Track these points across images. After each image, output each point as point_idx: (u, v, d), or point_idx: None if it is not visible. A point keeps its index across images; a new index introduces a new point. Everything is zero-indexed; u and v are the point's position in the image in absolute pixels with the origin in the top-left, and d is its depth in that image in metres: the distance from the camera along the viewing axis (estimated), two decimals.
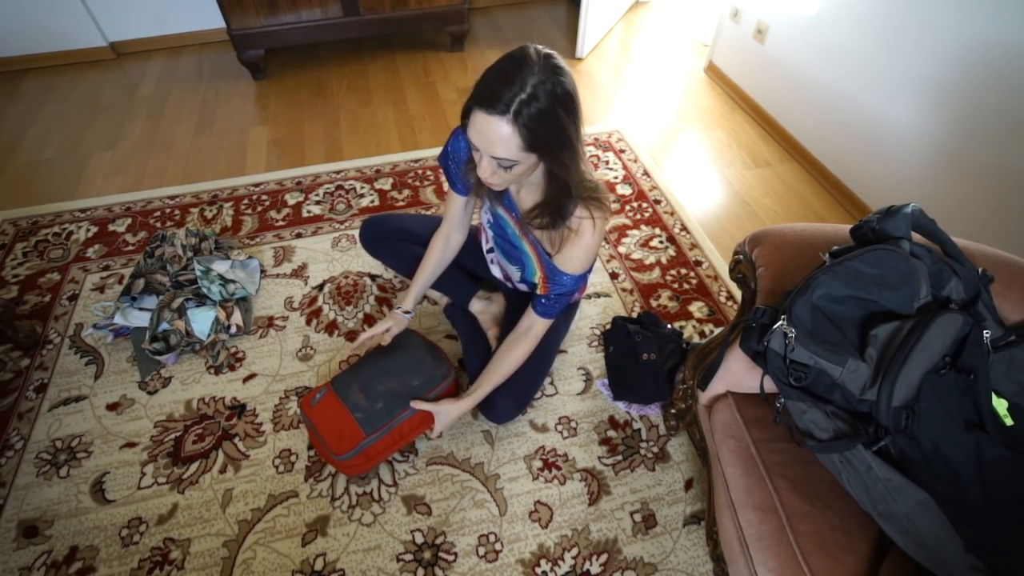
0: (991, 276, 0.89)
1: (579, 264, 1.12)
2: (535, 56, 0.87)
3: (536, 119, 0.86)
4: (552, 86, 0.86)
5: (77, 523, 1.23)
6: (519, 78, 0.85)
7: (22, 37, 2.66)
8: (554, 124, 0.88)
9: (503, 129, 0.87)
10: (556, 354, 1.49)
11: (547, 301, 1.19)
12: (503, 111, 0.85)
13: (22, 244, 1.86)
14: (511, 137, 0.87)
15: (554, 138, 0.90)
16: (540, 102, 0.86)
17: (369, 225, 1.53)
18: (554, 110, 0.87)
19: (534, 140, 0.88)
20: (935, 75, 1.61)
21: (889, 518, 0.80)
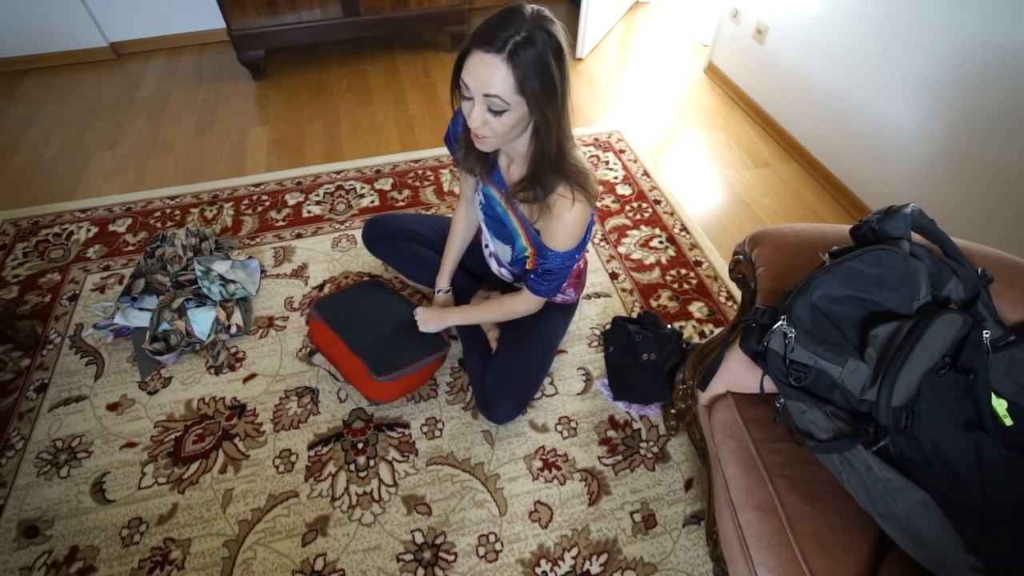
0: (991, 276, 0.89)
1: (561, 241, 1.12)
2: (529, 10, 0.92)
3: (529, 60, 0.89)
4: (546, 35, 0.90)
5: (77, 523, 1.24)
6: (514, 23, 0.89)
7: (22, 37, 2.67)
8: (545, 71, 0.90)
9: (498, 67, 0.89)
10: (555, 354, 1.49)
11: (535, 276, 1.22)
12: (499, 48, 0.88)
13: (23, 244, 1.86)
14: (505, 76, 0.89)
15: (544, 86, 0.91)
16: (535, 46, 0.88)
17: (372, 225, 1.54)
18: (546, 56, 0.90)
19: (526, 82, 0.90)
20: (935, 75, 1.62)
21: (889, 518, 0.80)
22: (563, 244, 1.13)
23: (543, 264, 1.18)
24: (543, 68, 0.90)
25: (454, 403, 1.44)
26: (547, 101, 0.93)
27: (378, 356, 1.33)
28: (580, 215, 1.09)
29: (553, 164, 1.03)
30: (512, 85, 0.90)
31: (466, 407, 1.43)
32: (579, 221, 1.10)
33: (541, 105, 0.93)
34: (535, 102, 0.93)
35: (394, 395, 1.37)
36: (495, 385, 1.31)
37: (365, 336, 1.38)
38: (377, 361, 1.32)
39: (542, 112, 0.95)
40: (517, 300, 1.29)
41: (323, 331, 1.40)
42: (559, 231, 1.11)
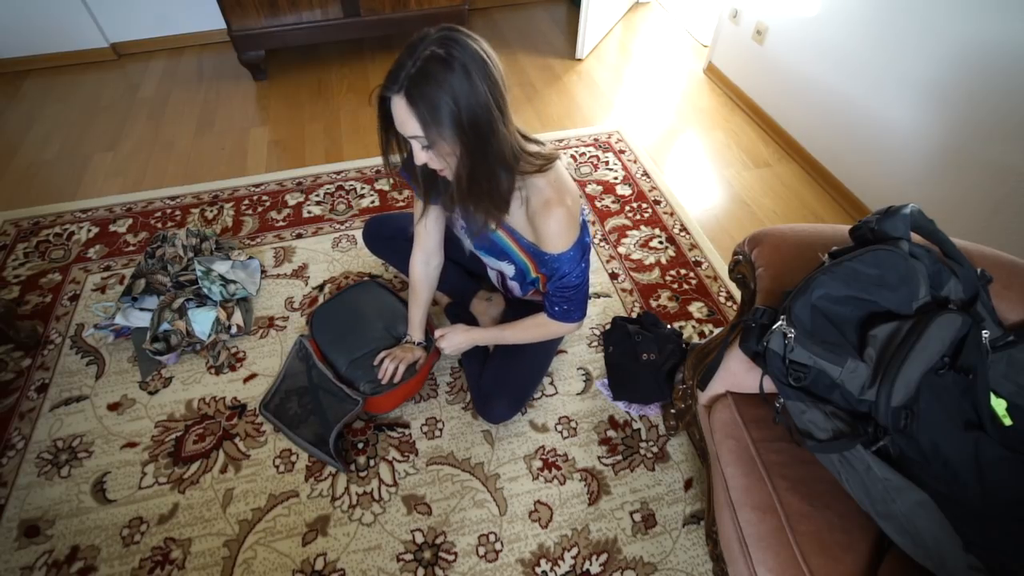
0: (990, 276, 0.89)
1: (560, 237, 1.03)
2: (432, 32, 0.86)
3: (427, 93, 0.83)
4: (445, 55, 0.83)
5: (78, 523, 1.24)
6: (410, 56, 0.84)
7: (23, 38, 2.67)
8: (446, 98, 0.83)
9: (402, 107, 0.85)
10: (553, 356, 1.49)
11: (555, 300, 1.14)
12: (397, 89, 0.84)
13: (23, 244, 1.87)
14: (409, 115, 0.85)
15: (449, 112, 0.84)
16: (429, 77, 0.82)
17: (373, 224, 1.54)
18: (446, 81, 0.83)
19: (431, 113, 0.84)
20: (935, 76, 1.62)
21: (888, 518, 0.80)
22: (562, 241, 1.04)
23: (555, 279, 1.10)
24: (444, 95, 0.83)
25: (454, 403, 1.44)
26: (456, 131, 0.86)
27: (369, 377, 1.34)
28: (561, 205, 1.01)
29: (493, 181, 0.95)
30: (416, 123, 0.86)
31: (466, 407, 1.44)
32: (565, 213, 1.01)
33: (455, 130, 0.87)
34: (447, 130, 0.86)
35: (392, 405, 1.39)
36: (492, 385, 1.31)
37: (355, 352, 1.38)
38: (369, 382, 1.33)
39: (463, 137, 0.88)
40: (547, 324, 1.21)
41: (317, 351, 1.42)
42: (554, 227, 1.03)
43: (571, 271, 1.09)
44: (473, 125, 0.87)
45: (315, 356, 1.38)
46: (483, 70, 0.86)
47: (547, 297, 1.17)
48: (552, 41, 2.99)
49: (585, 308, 1.19)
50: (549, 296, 1.16)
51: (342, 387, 1.32)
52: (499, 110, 0.90)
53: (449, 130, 0.86)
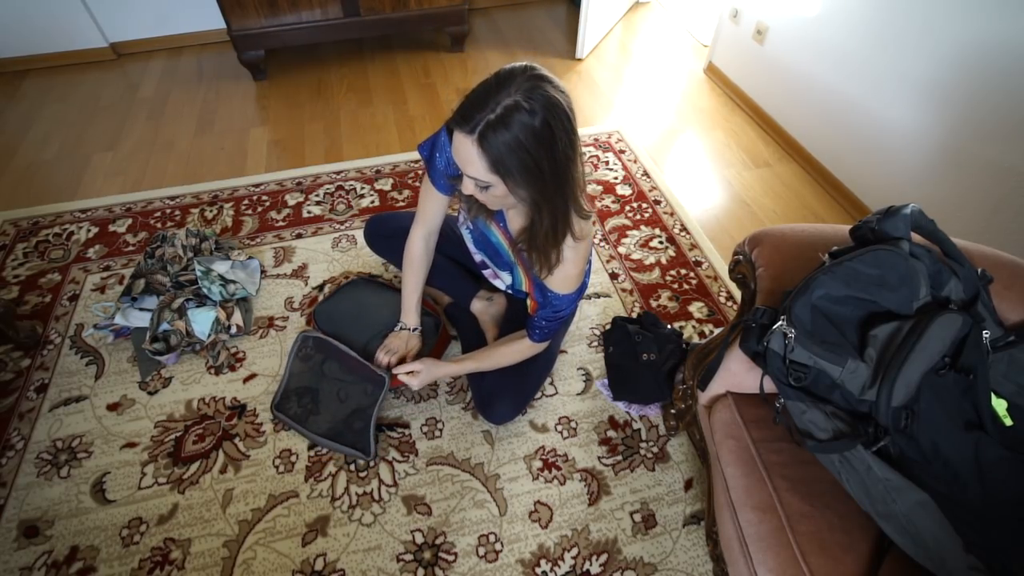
0: (990, 276, 0.89)
1: (566, 284, 1.10)
2: (521, 75, 0.83)
3: (502, 142, 0.82)
4: (528, 114, 0.81)
5: (78, 523, 1.24)
6: (494, 97, 0.82)
7: (22, 38, 2.66)
8: (522, 152, 0.83)
9: (470, 148, 0.84)
10: (556, 357, 1.49)
11: (541, 325, 1.19)
12: (470, 130, 0.83)
13: (23, 244, 1.86)
14: (478, 158, 0.84)
15: (523, 167, 0.84)
16: (509, 127, 0.81)
17: (374, 223, 1.54)
18: (524, 136, 0.82)
19: (499, 165, 0.84)
20: (935, 76, 1.62)
21: (889, 518, 0.80)
22: (567, 287, 1.11)
23: (547, 312, 1.15)
24: (518, 149, 0.82)
25: (454, 403, 1.44)
26: (529, 181, 0.87)
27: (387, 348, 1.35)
28: (578, 259, 1.07)
29: (550, 239, 0.99)
30: (485, 167, 0.85)
31: (466, 407, 1.43)
32: (578, 266, 1.08)
33: (521, 185, 0.87)
34: (514, 182, 0.87)
35: None
36: (494, 386, 1.31)
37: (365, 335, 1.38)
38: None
39: (526, 191, 0.89)
40: (514, 348, 1.26)
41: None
42: (565, 277, 1.09)
43: (566, 308, 1.15)
44: (553, 175, 0.87)
45: (331, 340, 1.36)
46: (565, 123, 0.85)
47: (532, 321, 1.21)
48: (552, 41, 2.99)
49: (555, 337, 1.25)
50: (535, 321, 1.20)
51: (367, 363, 1.30)
52: (574, 159, 0.90)
53: (518, 179, 0.86)
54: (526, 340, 1.25)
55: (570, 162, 0.89)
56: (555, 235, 0.99)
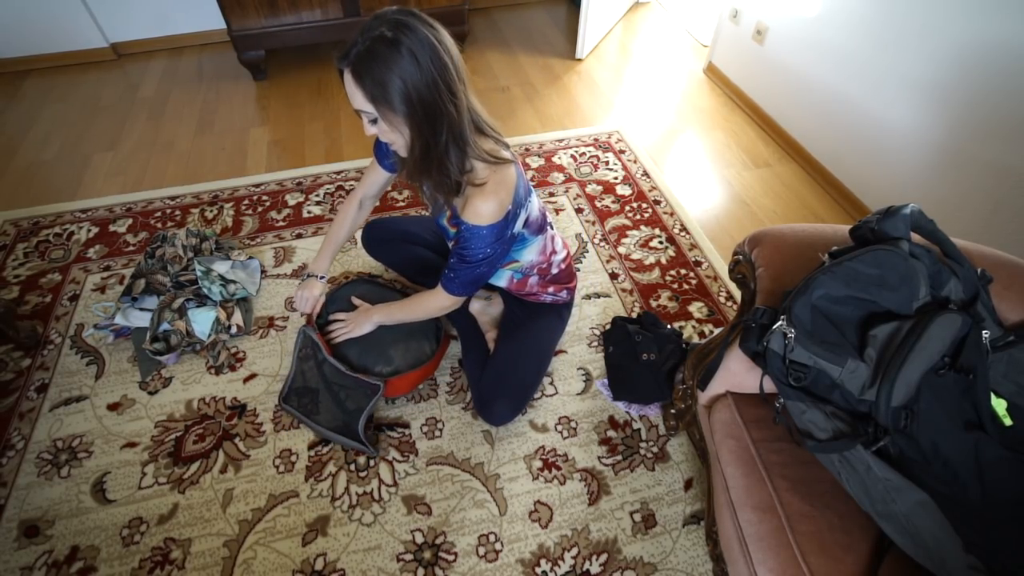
0: (990, 277, 0.89)
1: (479, 215, 1.05)
2: (388, 13, 0.91)
3: (370, 67, 0.88)
4: (392, 37, 0.87)
5: (78, 523, 1.24)
6: (362, 33, 0.89)
7: (23, 38, 2.67)
8: (391, 80, 0.89)
9: (349, 80, 0.91)
10: (552, 356, 1.49)
11: (449, 267, 1.16)
12: (347, 63, 0.90)
13: (23, 244, 1.87)
14: (355, 89, 0.91)
15: (394, 94, 0.90)
16: (375, 51, 0.87)
17: (371, 229, 1.56)
18: (393, 62, 0.88)
19: (374, 93, 0.90)
20: (935, 76, 1.62)
21: (888, 518, 0.80)
22: (480, 214, 1.05)
23: (459, 248, 1.12)
24: (388, 77, 0.88)
25: (454, 403, 1.44)
26: (403, 110, 0.92)
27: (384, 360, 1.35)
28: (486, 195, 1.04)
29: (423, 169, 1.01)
30: (362, 96, 0.91)
31: (466, 407, 1.44)
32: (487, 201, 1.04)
33: (398, 114, 0.92)
34: (390, 111, 0.92)
35: (409, 387, 1.42)
36: (491, 387, 1.31)
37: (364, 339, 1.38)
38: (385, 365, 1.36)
39: (403, 120, 0.93)
40: (429, 296, 1.25)
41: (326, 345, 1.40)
42: (473, 201, 1.05)
43: (475, 247, 1.10)
44: (421, 104, 0.92)
45: (325, 351, 1.37)
46: (432, 54, 0.90)
47: (446, 266, 1.19)
48: (552, 41, 2.99)
49: (466, 290, 1.20)
50: (448, 264, 1.18)
51: (358, 376, 1.31)
52: (449, 93, 0.94)
53: (395, 107, 0.91)
54: (440, 290, 1.21)
55: (441, 94, 0.93)
56: (427, 166, 1.00)
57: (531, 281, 1.35)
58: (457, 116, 0.96)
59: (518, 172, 1.12)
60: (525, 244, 1.26)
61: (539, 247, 1.28)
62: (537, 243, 1.27)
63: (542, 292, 1.39)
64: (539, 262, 1.31)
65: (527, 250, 1.27)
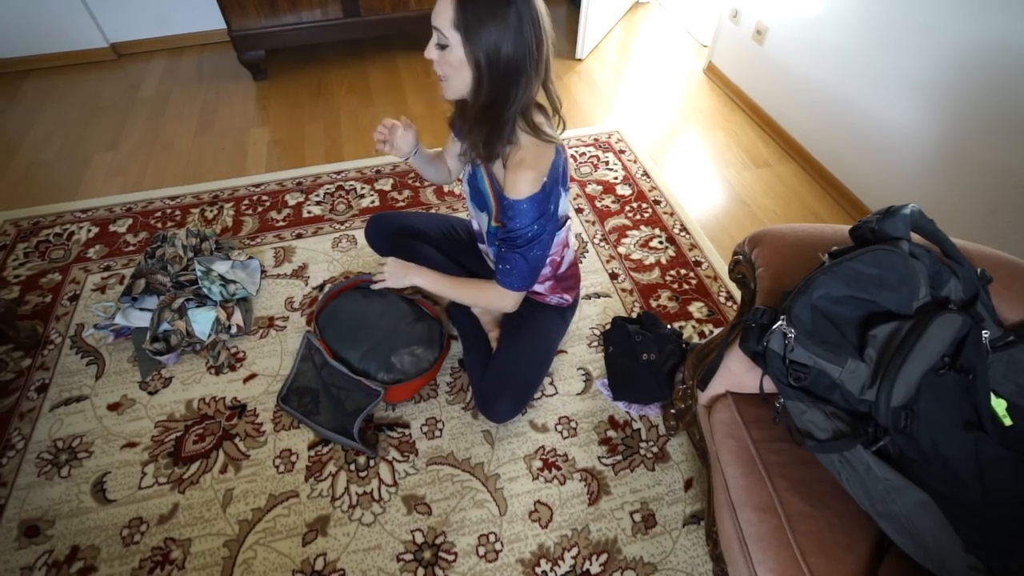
0: (990, 276, 0.89)
1: (520, 187, 1.06)
2: None
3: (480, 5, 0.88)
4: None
5: (78, 523, 1.24)
6: None
7: (23, 38, 2.67)
8: (491, 16, 0.89)
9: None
10: (554, 355, 1.49)
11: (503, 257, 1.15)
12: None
13: (23, 244, 1.87)
14: (447, 7, 0.91)
15: (485, 31, 0.90)
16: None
17: (376, 222, 1.54)
18: (498, 9, 0.88)
19: (469, 22, 0.89)
20: (934, 76, 1.62)
21: (888, 518, 0.80)
22: (520, 189, 1.05)
23: (506, 231, 1.11)
24: (490, 19, 0.89)
25: (454, 403, 1.44)
26: (485, 52, 0.91)
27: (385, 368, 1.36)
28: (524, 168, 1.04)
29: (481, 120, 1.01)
30: (451, 19, 0.90)
31: (466, 407, 1.44)
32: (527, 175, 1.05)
33: (476, 54, 0.92)
34: (470, 48, 0.91)
35: (410, 394, 1.41)
36: (494, 385, 1.31)
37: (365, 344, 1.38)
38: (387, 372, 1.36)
39: (478, 62, 0.93)
40: (491, 290, 1.22)
41: (328, 349, 1.41)
42: (519, 178, 1.05)
43: (522, 225, 1.09)
44: (504, 64, 0.92)
45: (327, 355, 1.37)
46: (535, 26, 0.92)
47: (498, 257, 1.18)
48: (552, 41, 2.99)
49: (526, 282, 1.18)
50: (499, 255, 1.17)
51: (360, 380, 1.32)
52: (534, 66, 0.95)
53: (476, 51, 0.91)
54: (495, 285, 1.21)
55: (527, 64, 0.94)
56: (483, 119, 1.01)
57: (544, 272, 1.34)
58: (529, 90, 0.98)
59: (560, 154, 1.12)
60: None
61: (558, 239, 1.28)
62: (558, 235, 1.27)
63: (550, 293, 1.40)
64: (554, 253, 1.30)
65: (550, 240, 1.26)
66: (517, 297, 1.22)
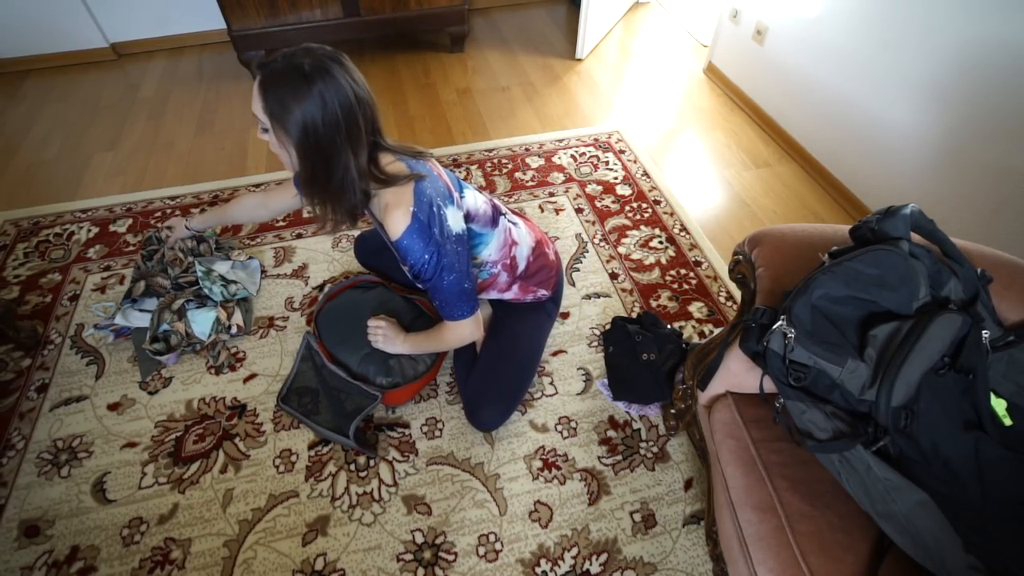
0: (990, 276, 0.89)
1: (394, 227, 1.06)
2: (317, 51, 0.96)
3: (276, 89, 0.93)
4: (308, 74, 0.92)
5: (78, 523, 1.24)
6: (289, 56, 0.94)
7: (23, 38, 2.67)
8: (294, 103, 0.93)
9: (256, 87, 0.96)
10: (541, 354, 1.47)
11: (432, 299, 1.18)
12: (260, 72, 0.96)
13: (23, 244, 1.87)
14: (258, 96, 0.96)
15: (290, 112, 0.94)
16: (288, 77, 0.92)
17: (362, 241, 1.62)
18: (297, 90, 0.92)
19: (274, 109, 0.94)
20: (935, 76, 1.62)
21: (888, 518, 0.80)
22: (395, 228, 1.06)
23: (412, 271, 1.12)
24: (292, 103, 0.93)
25: (454, 403, 1.44)
26: (297, 128, 0.95)
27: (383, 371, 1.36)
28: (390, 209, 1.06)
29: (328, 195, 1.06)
30: (262, 106, 0.96)
31: None
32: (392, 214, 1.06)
33: (291, 131, 0.96)
34: (283, 127, 0.96)
35: (408, 397, 1.41)
36: (478, 392, 1.31)
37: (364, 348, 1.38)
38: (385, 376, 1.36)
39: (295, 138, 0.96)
40: (445, 329, 1.25)
41: (326, 352, 1.41)
42: (386, 219, 1.08)
43: (417, 259, 1.09)
44: (317, 140, 0.97)
45: (324, 358, 1.38)
46: (341, 102, 0.96)
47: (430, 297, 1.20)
48: (552, 41, 2.99)
49: (464, 307, 1.19)
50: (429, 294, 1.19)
51: (359, 384, 1.32)
52: (349, 139, 0.99)
53: (289, 131, 0.96)
54: (445, 323, 1.24)
55: (339, 137, 0.97)
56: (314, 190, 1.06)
57: (501, 280, 1.31)
58: (354, 159, 1.01)
59: (431, 175, 1.11)
60: (482, 240, 1.23)
61: (497, 242, 1.26)
62: (494, 238, 1.25)
63: (522, 295, 1.38)
64: (500, 257, 1.28)
65: (486, 247, 1.24)
66: (471, 323, 1.22)
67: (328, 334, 1.43)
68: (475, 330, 1.24)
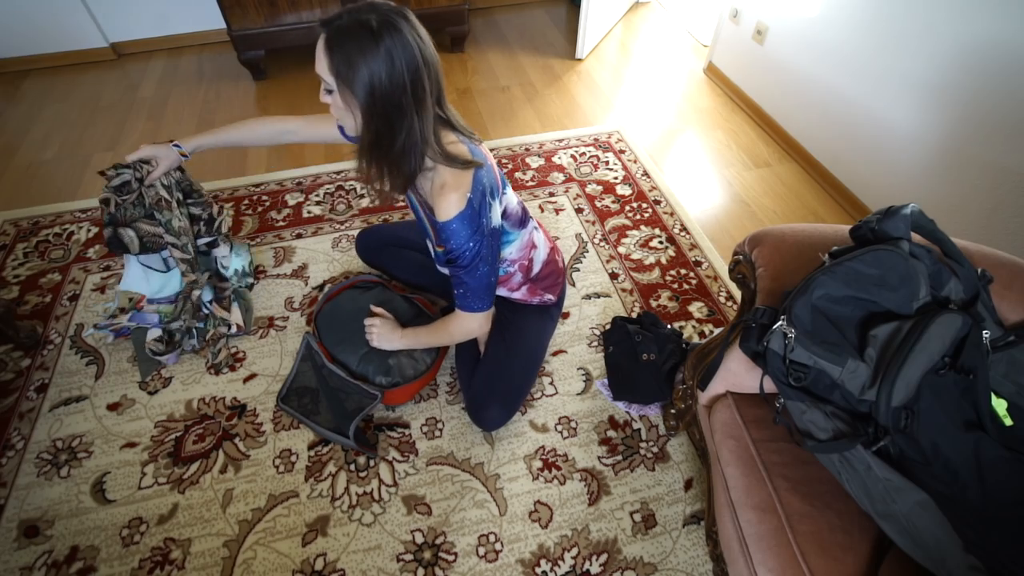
0: (990, 276, 0.89)
1: (447, 209, 1.05)
2: (383, 6, 0.92)
3: (345, 45, 0.89)
4: (376, 30, 0.88)
5: (78, 523, 1.24)
6: (356, 13, 0.90)
7: (23, 38, 2.67)
8: (363, 60, 0.89)
9: (320, 46, 0.92)
10: (543, 355, 1.48)
11: (454, 283, 1.16)
12: (325, 29, 0.91)
13: (23, 244, 1.87)
14: (324, 55, 0.92)
15: (357, 81, 0.90)
16: (355, 34, 0.88)
17: (364, 238, 1.60)
18: (365, 47, 0.88)
19: (340, 67, 0.90)
20: (935, 76, 1.62)
21: (888, 518, 0.80)
22: (447, 210, 1.05)
23: (448, 254, 1.11)
24: (359, 61, 0.89)
25: (454, 403, 1.44)
26: (363, 88, 0.91)
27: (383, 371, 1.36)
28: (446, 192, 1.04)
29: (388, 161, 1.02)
30: (327, 65, 0.92)
31: (465, 407, 1.43)
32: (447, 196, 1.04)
33: (355, 99, 0.93)
34: (349, 93, 0.93)
35: (407, 397, 1.41)
36: (482, 392, 1.31)
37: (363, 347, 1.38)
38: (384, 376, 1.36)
39: (360, 99, 0.93)
40: (452, 321, 1.24)
41: (326, 352, 1.41)
42: (439, 199, 1.05)
43: (459, 244, 1.08)
44: (383, 101, 0.93)
45: (324, 357, 1.38)
46: (409, 60, 0.91)
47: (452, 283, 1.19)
48: (552, 41, 2.99)
49: (484, 301, 1.18)
50: (452, 280, 1.18)
51: (358, 383, 1.32)
52: (415, 100, 0.95)
53: (355, 91, 0.92)
54: (459, 313, 1.21)
55: (406, 98, 0.94)
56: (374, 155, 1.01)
57: (514, 279, 1.33)
58: (419, 122, 0.97)
59: (487, 164, 1.10)
60: (508, 239, 1.24)
61: (520, 243, 1.27)
62: (519, 238, 1.26)
63: (530, 296, 1.39)
64: (520, 258, 1.29)
65: (510, 246, 1.25)
66: (482, 318, 1.22)
67: (328, 334, 1.43)
68: (484, 325, 1.24)
